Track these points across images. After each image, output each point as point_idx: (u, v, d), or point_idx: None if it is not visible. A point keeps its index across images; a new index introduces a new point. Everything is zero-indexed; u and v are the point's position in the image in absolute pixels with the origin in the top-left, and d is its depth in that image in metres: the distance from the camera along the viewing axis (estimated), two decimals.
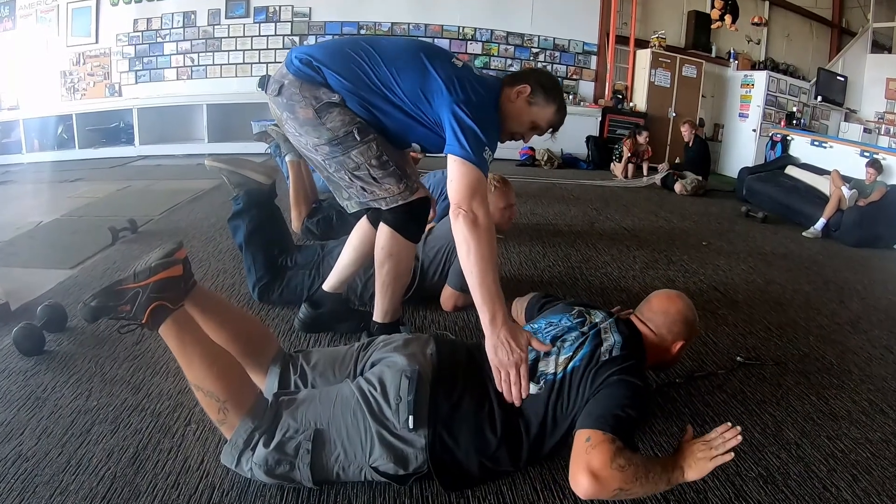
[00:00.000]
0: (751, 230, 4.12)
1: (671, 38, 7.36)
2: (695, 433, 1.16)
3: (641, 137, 6.12)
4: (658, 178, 5.67)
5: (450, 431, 1.17)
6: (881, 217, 4.01)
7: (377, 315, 1.77)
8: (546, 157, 6.45)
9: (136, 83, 7.01)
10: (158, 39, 6.92)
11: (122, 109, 6.78)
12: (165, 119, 6.71)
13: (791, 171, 5.28)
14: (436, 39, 6.86)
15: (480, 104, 1.44)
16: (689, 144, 5.85)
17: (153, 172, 5.52)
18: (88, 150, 6.62)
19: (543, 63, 7.07)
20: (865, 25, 7.73)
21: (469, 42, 7.05)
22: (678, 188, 5.39)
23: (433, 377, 1.24)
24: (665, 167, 5.65)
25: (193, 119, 6.75)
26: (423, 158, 3.30)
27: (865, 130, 7.19)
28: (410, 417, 1.14)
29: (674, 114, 7.12)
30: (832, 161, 4.85)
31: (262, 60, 6.84)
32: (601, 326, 1.32)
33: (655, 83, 7.11)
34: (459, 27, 7.01)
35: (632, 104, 7.29)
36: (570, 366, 1.23)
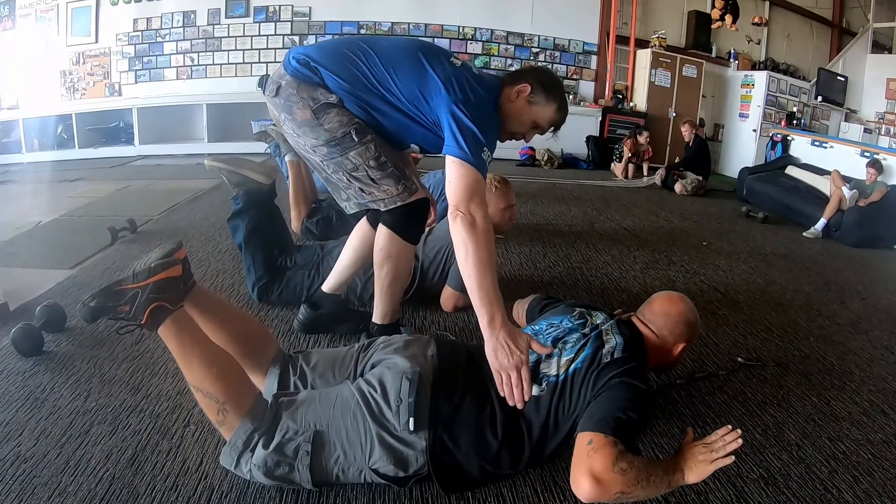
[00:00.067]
0: (751, 230, 4.11)
1: (671, 38, 7.36)
2: (695, 435, 1.16)
3: (642, 137, 6.12)
4: (658, 179, 5.67)
5: (450, 433, 1.17)
6: (882, 217, 4.01)
7: (376, 316, 1.76)
8: (546, 157, 6.45)
9: (136, 83, 7.01)
10: (158, 39, 6.92)
11: (122, 109, 6.78)
12: (165, 119, 6.71)
13: (791, 172, 5.28)
14: (436, 39, 6.86)
15: (479, 104, 1.43)
16: (690, 144, 5.84)
17: (153, 172, 5.51)
18: (88, 150, 6.62)
19: (543, 63, 7.05)
20: (866, 25, 7.72)
21: (469, 42, 7.05)
22: (678, 188, 5.38)
23: (434, 379, 1.23)
24: (662, 174, 5.64)
25: (193, 119, 6.74)
26: (424, 158, 3.29)
27: (866, 131, 7.19)
28: (411, 419, 1.13)
29: (674, 114, 7.11)
30: (832, 161, 4.84)
31: (262, 60, 6.84)
32: (603, 328, 1.31)
33: (656, 83, 7.11)
34: (459, 27, 7.00)
35: (632, 104, 7.28)
36: (572, 368, 1.22)
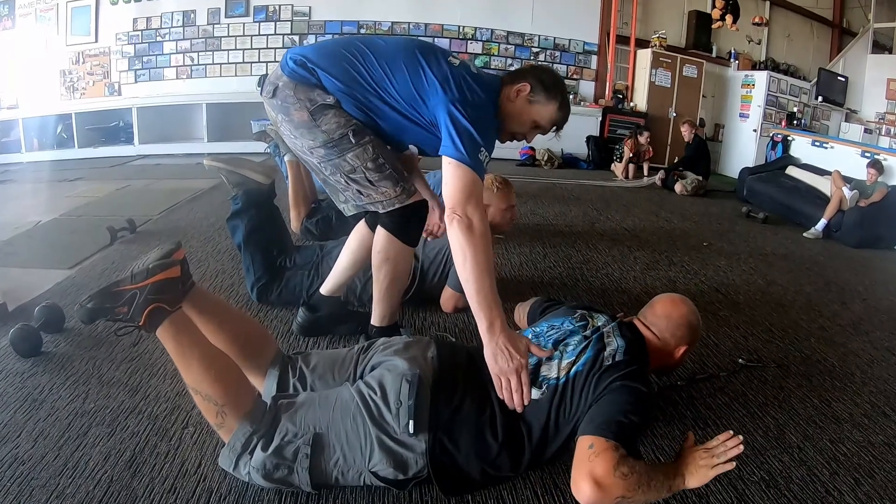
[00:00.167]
0: (751, 231, 4.10)
1: (672, 38, 7.35)
2: (696, 438, 1.15)
3: (642, 138, 6.12)
4: (658, 179, 5.67)
5: (450, 436, 1.16)
6: (882, 218, 4.00)
7: (375, 319, 1.75)
8: (546, 157, 6.44)
9: (136, 82, 7.00)
10: (158, 38, 6.91)
11: (122, 109, 6.78)
12: (165, 118, 6.70)
13: (792, 172, 5.27)
14: (436, 39, 6.85)
15: (477, 103, 1.41)
16: (689, 144, 5.84)
17: (152, 172, 5.51)
18: (88, 150, 6.61)
19: (544, 63, 7.06)
20: (866, 26, 7.72)
21: (469, 41, 7.04)
22: (678, 188, 5.38)
23: (434, 381, 1.22)
24: (663, 175, 5.65)
25: (193, 118, 6.73)
26: (423, 159, 3.27)
27: (866, 131, 7.18)
28: (411, 422, 1.12)
29: (674, 114, 7.10)
30: (833, 161, 4.83)
31: (262, 60, 6.83)
32: (604, 330, 1.31)
33: (656, 83, 7.10)
34: (459, 27, 6.99)
35: (632, 104, 7.28)
36: (573, 370, 1.22)
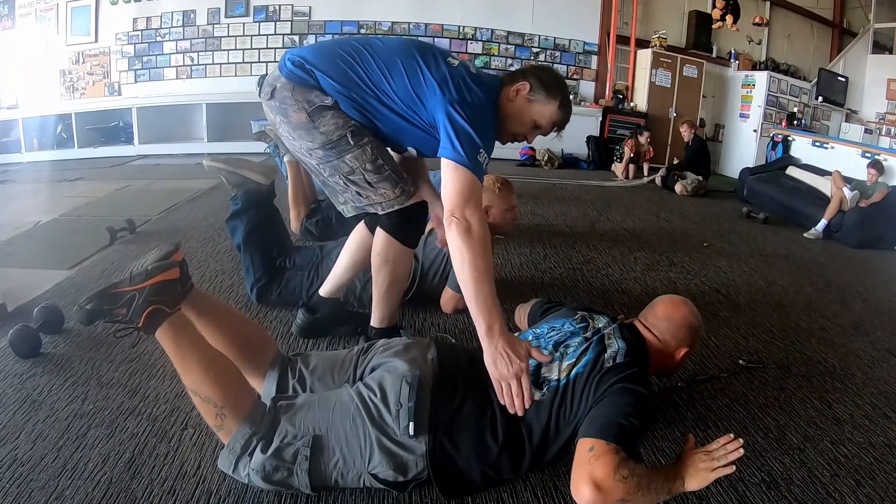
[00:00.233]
0: (752, 231, 4.10)
1: (672, 38, 7.35)
2: (696, 440, 1.15)
3: (643, 138, 6.11)
4: (658, 177, 5.66)
5: (451, 438, 1.16)
6: (882, 218, 4.00)
7: (374, 320, 1.74)
8: (546, 158, 6.43)
9: (136, 82, 7.00)
10: (158, 38, 6.91)
11: (122, 109, 6.78)
12: (165, 118, 6.70)
13: (792, 172, 5.27)
14: (436, 39, 6.85)
15: (476, 104, 1.40)
16: (689, 144, 5.84)
17: (152, 172, 5.51)
18: (87, 150, 6.62)
19: (544, 63, 7.05)
20: (866, 26, 7.72)
21: (469, 42, 7.04)
22: (679, 189, 5.37)
23: (434, 383, 1.21)
24: (664, 173, 5.66)
25: (193, 118, 6.73)
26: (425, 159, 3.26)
27: (866, 131, 7.18)
28: (411, 424, 1.12)
29: (674, 114, 7.10)
30: (833, 162, 4.83)
31: (262, 60, 6.83)
32: (605, 332, 1.30)
33: (656, 83, 7.10)
34: (460, 27, 6.99)
35: (632, 104, 7.27)
36: (574, 372, 1.21)
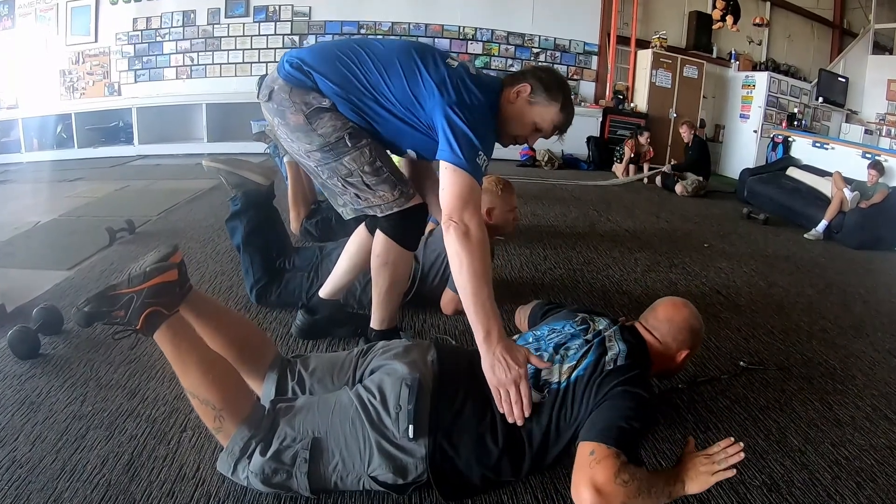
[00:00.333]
0: (752, 232, 4.10)
1: (672, 39, 7.34)
2: (697, 442, 1.14)
3: (643, 138, 6.11)
4: (659, 179, 5.66)
5: (450, 441, 1.15)
6: (883, 219, 4.00)
7: (374, 322, 1.74)
8: (547, 158, 6.43)
9: (136, 82, 7.00)
10: (158, 38, 6.90)
11: (122, 109, 6.77)
12: (165, 118, 6.70)
13: (792, 173, 5.27)
14: (436, 39, 6.85)
15: (475, 106, 1.38)
16: (689, 145, 5.83)
17: (152, 172, 5.51)
18: (87, 150, 6.62)
19: (544, 63, 7.05)
20: (867, 26, 7.72)
21: (469, 42, 7.03)
22: (679, 189, 5.37)
23: (434, 385, 1.21)
24: (668, 168, 5.67)
25: (193, 118, 6.73)
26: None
27: (866, 132, 7.19)
28: (410, 427, 1.11)
29: (674, 114, 7.09)
30: (834, 162, 4.83)
31: (262, 60, 6.82)
32: (605, 334, 1.29)
33: (656, 84, 7.10)
34: (460, 27, 6.99)
35: (633, 105, 7.27)
36: (574, 375, 1.20)
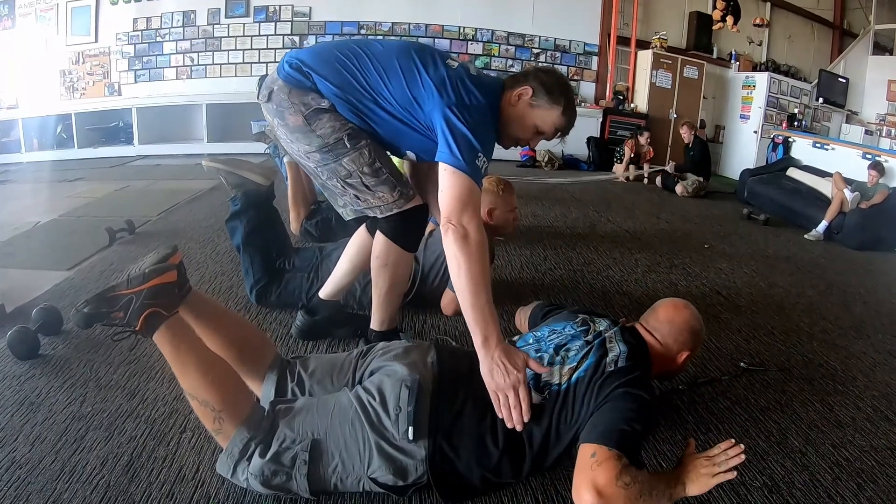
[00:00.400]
0: (752, 233, 4.10)
1: (672, 39, 7.34)
2: (698, 443, 1.14)
3: (643, 138, 6.11)
4: (658, 177, 5.67)
5: (450, 442, 1.15)
6: (883, 220, 4.00)
7: (374, 323, 1.73)
8: (547, 159, 6.43)
9: (136, 82, 6.99)
10: (158, 39, 6.90)
11: (122, 109, 6.77)
12: (165, 119, 6.70)
13: (792, 173, 5.26)
14: (436, 40, 6.84)
15: (474, 107, 1.37)
16: (689, 146, 5.84)
17: (152, 172, 5.51)
18: (87, 150, 6.61)
19: (545, 63, 7.05)
20: (867, 27, 7.72)
21: (470, 42, 7.03)
22: (679, 190, 5.37)
23: (434, 387, 1.20)
24: (672, 166, 5.68)
25: (193, 119, 6.73)
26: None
27: (867, 132, 7.19)
28: (410, 428, 1.11)
29: (675, 115, 7.09)
30: (834, 163, 4.83)
31: (262, 60, 6.82)
32: (606, 335, 1.29)
33: (656, 84, 7.09)
34: (460, 27, 6.98)
35: (633, 105, 7.26)
36: (575, 376, 1.20)
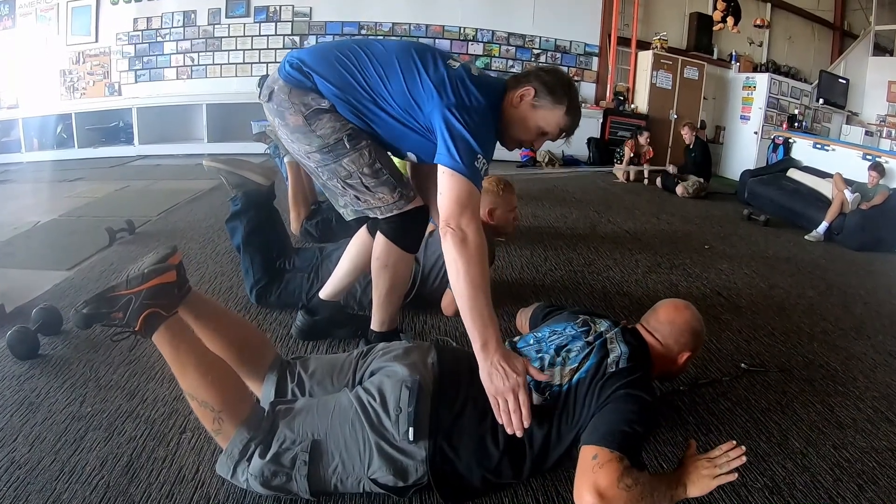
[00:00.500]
0: (753, 233, 4.09)
1: (673, 40, 7.34)
2: (699, 444, 1.14)
3: (642, 138, 6.11)
4: (659, 178, 5.67)
5: (451, 443, 1.14)
6: (884, 221, 3.99)
7: (374, 324, 1.73)
8: (547, 159, 6.44)
9: (136, 82, 6.99)
10: (158, 39, 6.90)
11: (122, 109, 6.77)
12: (165, 119, 6.70)
13: (793, 174, 5.27)
14: (437, 40, 6.84)
15: (475, 108, 1.36)
16: (690, 146, 5.83)
17: (152, 172, 5.50)
18: (88, 150, 6.61)
19: (545, 64, 7.04)
20: (867, 28, 7.72)
21: (470, 43, 7.03)
22: (679, 190, 5.37)
23: (434, 388, 1.20)
24: (673, 168, 5.69)
25: (193, 119, 6.73)
26: None
27: (867, 133, 7.18)
28: (411, 429, 1.11)
29: (675, 116, 7.09)
30: (834, 164, 4.83)
31: (263, 60, 6.82)
32: (607, 336, 1.28)
33: (657, 85, 7.08)
34: (460, 28, 6.98)
35: (633, 106, 7.26)
36: (576, 377, 1.20)
